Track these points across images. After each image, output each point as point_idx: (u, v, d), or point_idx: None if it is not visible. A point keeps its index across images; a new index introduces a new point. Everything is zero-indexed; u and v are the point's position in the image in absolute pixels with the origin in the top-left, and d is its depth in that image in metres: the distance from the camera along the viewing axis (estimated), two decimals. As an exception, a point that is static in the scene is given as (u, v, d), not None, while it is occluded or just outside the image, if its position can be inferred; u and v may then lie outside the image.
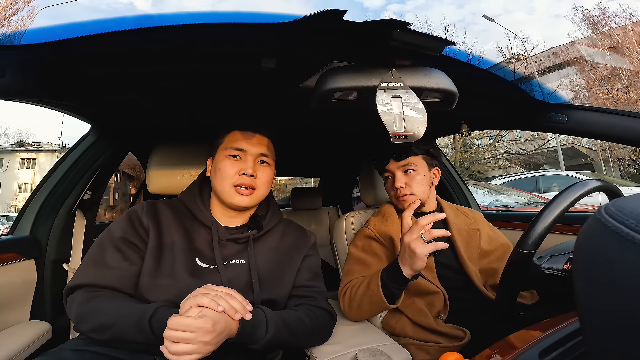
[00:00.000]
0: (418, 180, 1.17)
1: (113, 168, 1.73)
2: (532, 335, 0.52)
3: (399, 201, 1.19)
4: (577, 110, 1.04)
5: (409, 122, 0.73)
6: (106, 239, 0.88)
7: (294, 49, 0.79)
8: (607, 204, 0.31)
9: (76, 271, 0.85)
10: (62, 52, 0.71)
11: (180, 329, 0.64)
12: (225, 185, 0.92)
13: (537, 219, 0.70)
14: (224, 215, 0.97)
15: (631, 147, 13.09)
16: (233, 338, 0.73)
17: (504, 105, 1.20)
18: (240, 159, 0.95)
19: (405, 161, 1.17)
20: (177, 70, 0.91)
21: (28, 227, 1.33)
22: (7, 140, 21.53)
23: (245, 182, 0.92)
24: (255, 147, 0.96)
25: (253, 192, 0.94)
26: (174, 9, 5.25)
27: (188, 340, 0.64)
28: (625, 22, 15.92)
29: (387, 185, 1.24)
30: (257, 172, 0.94)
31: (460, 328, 0.98)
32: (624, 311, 0.26)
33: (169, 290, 0.83)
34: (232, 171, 0.93)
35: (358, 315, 1.08)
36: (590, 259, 0.30)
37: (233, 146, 0.94)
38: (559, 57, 17.11)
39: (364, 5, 66.98)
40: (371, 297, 0.98)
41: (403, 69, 0.76)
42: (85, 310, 0.77)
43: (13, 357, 1.02)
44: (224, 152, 0.95)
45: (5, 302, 1.18)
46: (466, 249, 1.13)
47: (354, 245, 1.20)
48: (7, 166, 22.91)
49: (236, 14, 0.64)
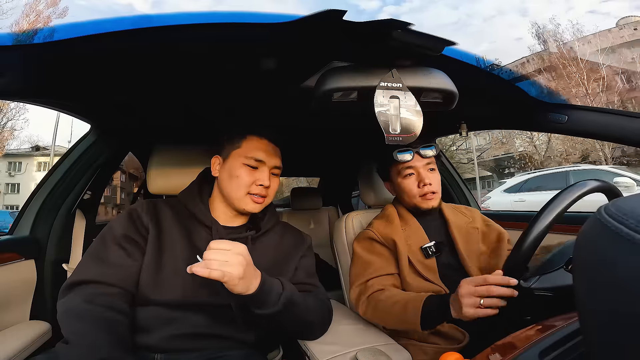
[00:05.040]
0: (439, 180, 1.17)
1: (113, 168, 1.74)
2: (532, 335, 0.52)
3: (423, 200, 1.15)
4: (577, 110, 1.04)
5: (405, 123, 0.73)
6: (108, 236, 0.88)
7: (294, 49, 0.79)
8: (607, 204, 0.31)
9: (77, 267, 0.85)
10: (62, 52, 0.71)
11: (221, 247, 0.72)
12: (240, 193, 0.94)
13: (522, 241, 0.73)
14: (224, 215, 0.98)
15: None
16: (252, 294, 0.75)
17: (503, 105, 1.20)
18: (257, 169, 0.95)
19: (430, 159, 1.16)
20: (177, 71, 0.91)
21: (28, 227, 1.33)
22: (18, 144, 22.60)
23: (261, 192, 0.95)
24: (272, 159, 0.97)
25: (264, 200, 0.96)
26: (173, 10, 5.27)
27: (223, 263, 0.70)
28: (574, 38, 17.11)
29: (409, 183, 1.17)
30: (270, 183, 0.96)
31: (460, 329, 0.98)
32: (624, 311, 0.26)
33: (173, 286, 0.84)
34: (250, 180, 0.94)
35: (378, 321, 1.07)
36: (590, 259, 0.30)
37: (253, 156, 0.95)
38: (526, 69, 17.57)
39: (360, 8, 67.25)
40: (406, 318, 0.94)
41: (403, 69, 0.76)
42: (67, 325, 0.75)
43: (13, 356, 1.02)
44: (241, 159, 0.95)
45: (5, 302, 1.18)
46: (466, 247, 1.13)
47: (359, 247, 1.18)
48: (25, 168, 24.64)
49: (237, 14, 0.64)
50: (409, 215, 1.20)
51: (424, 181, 1.14)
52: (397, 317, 0.97)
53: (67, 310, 0.77)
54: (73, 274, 0.83)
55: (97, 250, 0.87)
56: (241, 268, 0.71)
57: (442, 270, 1.09)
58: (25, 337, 1.12)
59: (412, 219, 1.19)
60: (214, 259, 0.70)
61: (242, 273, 0.71)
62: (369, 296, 1.06)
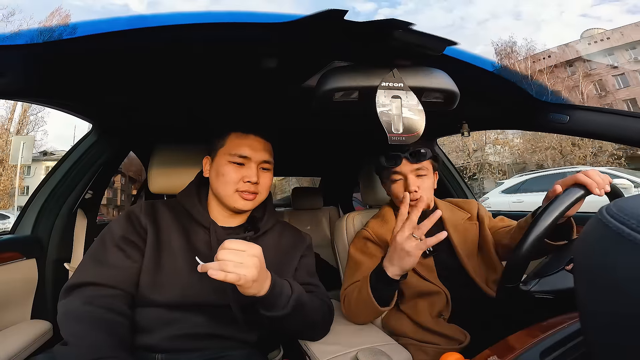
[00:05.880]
0: (428, 185, 1.16)
1: (114, 167, 1.74)
2: (533, 335, 0.51)
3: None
4: (579, 110, 1.04)
5: (407, 123, 0.72)
6: (107, 238, 0.88)
7: (295, 49, 0.79)
8: (609, 204, 0.31)
9: (76, 269, 0.85)
10: (62, 52, 0.71)
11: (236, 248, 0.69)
12: (228, 191, 0.92)
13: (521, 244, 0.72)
14: (221, 215, 0.98)
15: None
16: (262, 296, 0.75)
17: (505, 105, 1.20)
18: (244, 165, 0.94)
19: (419, 164, 1.14)
20: (178, 71, 0.91)
21: (30, 226, 1.33)
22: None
23: (249, 189, 0.93)
24: (258, 153, 0.95)
25: (256, 196, 0.95)
26: (168, 10, 5.20)
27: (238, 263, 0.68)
28: (527, 54, 18.48)
29: (396, 187, 1.18)
30: (259, 179, 0.95)
31: (461, 330, 0.97)
32: (624, 312, 0.26)
33: (172, 287, 0.84)
34: (236, 178, 0.92)
35: (358, 319, 1.07)
36: (591, 260, 0.30)
37: (237, 153, 0.93)
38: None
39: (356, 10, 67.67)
40: (364, 302, 0.97)
41: (404, 68, 0.76)
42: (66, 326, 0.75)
43: (14, 355, 1.03)
44: (226, 156, 0.94)
45: (7, 301, 1.18)
46: (463, 245, 1.13)
47: (353, 248, 1.19)
48: (34, 172, 25.47)
49: (238, 13, 0.64)
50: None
51: (409, 188, 1.13)
52: (359, 303, 0.99)
53: (66, 312, 0.76)
54: (73, 276, 0.83)
55: (96, 252, 0.86)
56: (256, 270, 0.69)
57: (440, 270, 1.09)
58: (27, 336, 1.13)
59: None
60: (228, 260, 0.67)
61: (257, 275, 0.70)
62: (344, 297, 1.08)
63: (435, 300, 1.05)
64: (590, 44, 21.01)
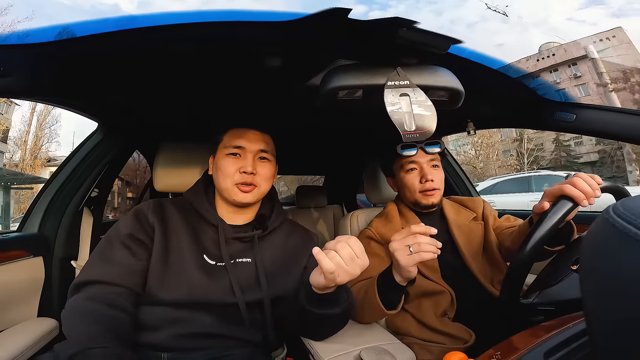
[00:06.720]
0: (442, 177, 1.16)
1: (120, 165, 1.74)
2: (537, 335, 0.51)
3: (423, 195, 1.14)
4: (585, 109, 1.03)
5: (419, 120, 0.72)
6: (113, 236, 0.88)
7: (299, 48, 0.79)
8: (615, 203, 0.31)
9: (83, 267, 0.85)
10: (68, 52, 0.72)
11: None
12: (227, 184, 0.93)
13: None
14: (228, 212, 0.98)
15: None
16: (331, 292, 0.77)
17: (510, 103, 1.19)
18: (240, 156, 0.95)
19: (434, 155, 1.14)
20: (179, 71, 0.92)
21: (36, 225, 1.35)
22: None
23: (246, 180, 0.93)
24: (253, 143, 0.96)
25: (254, 188, 0.95)
26: (159, 10, 5.16)
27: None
28: None
29: (410, 178, 1.16)
30: (257, 169, 0.95)
31: (466, 329, 0.97)
32: (631, 311, 0.26)
33: (180, 286, 0.84)
34: (233, 169, 0.93)
35: (363, 319, 1.06)
36: (597, 260, 0.30)
37: (232, 144, 0.95)
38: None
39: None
40: (370, 304, 0.95)
41: (409, 67, 0.75)
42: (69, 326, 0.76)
43: (20, 353, 1.04)
44: (223, 150, 0.96)
45: (13, 299, 1.20)
46: (468, 246, 1.12)
47: None
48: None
49: (241, 12, 0.64)
50: (410, 214, 1.20)
51: (426, 177, 1.12)
52: (365, 305, 0.98)
53: (69, 309, 0.77)
54: (79, 274, 0.84)
55: (102, 250, 0.87)
56: (359, 270, 0.73)
57: (444, 270, 1.09)
58: (33, 334, 1.13)
59: (413, 217, 1.18)
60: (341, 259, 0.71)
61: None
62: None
63: (440, 300, 1.04)
64: (539, 59, 22.28)
